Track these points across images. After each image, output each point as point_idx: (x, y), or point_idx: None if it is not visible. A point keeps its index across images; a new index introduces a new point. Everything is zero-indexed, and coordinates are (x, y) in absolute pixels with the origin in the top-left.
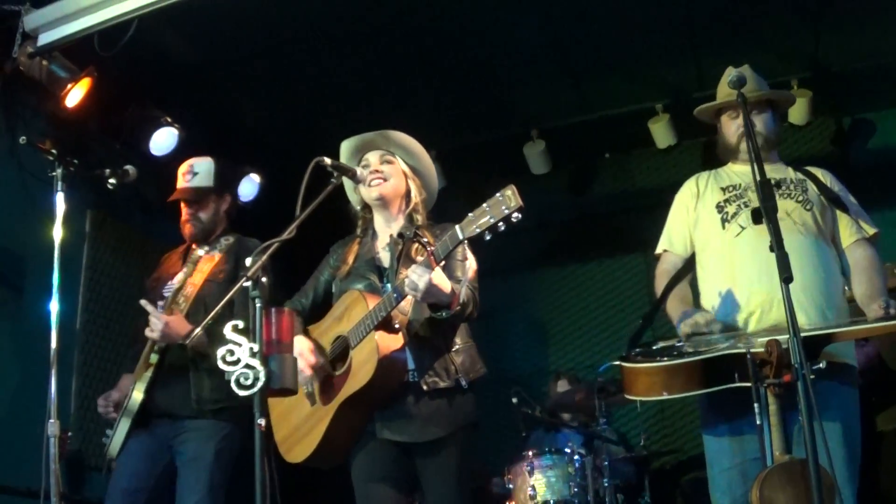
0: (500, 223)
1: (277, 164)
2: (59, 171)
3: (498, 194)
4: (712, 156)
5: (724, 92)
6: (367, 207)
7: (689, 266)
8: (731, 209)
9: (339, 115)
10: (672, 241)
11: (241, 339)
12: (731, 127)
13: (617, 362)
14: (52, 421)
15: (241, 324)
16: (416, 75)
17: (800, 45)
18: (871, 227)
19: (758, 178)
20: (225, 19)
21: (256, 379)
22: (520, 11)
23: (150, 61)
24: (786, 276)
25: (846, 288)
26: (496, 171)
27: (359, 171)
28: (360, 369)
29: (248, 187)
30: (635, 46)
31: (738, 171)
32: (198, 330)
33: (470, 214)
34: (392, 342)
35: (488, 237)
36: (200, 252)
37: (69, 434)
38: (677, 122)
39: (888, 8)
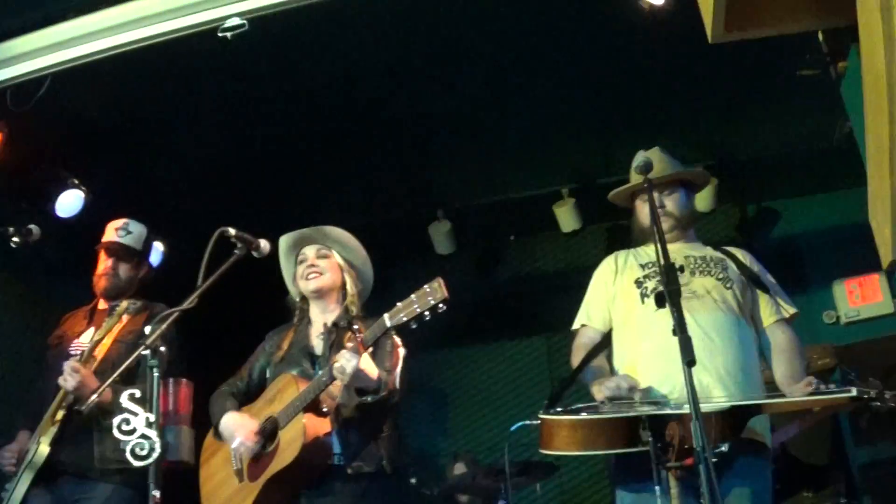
0: (426, 313)
1: (184, 232)
2: None
3: (426, 286)
4: (616, 241)
5: (637, 175)
6: (304, 298)
7: (606, 341)
8: (650, 284)
9: (248, 185)
10: (590, 315)
11: (138, 408)
12: (645, 209)
13: (540, 415)
14: None
15: (137, 392)
16: (324, 150)
17: (707, 134)
18: (790, 307)
19: (661, 260)
20: (138, 82)
21: (152, 449)
22: (429, 91)
23: (61, 120)
24: (688, 360)
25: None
26: (401, 251)
27: (262, 243)
28: (287, 448)
29: (153, 255)
30: (543, 130)
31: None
32: (95, 396)
33: (398, 304)
34: (319, 424)
35: (414, 326)
36: (109, 311)
37: None
38: (582, 206)
39: (793, 100)
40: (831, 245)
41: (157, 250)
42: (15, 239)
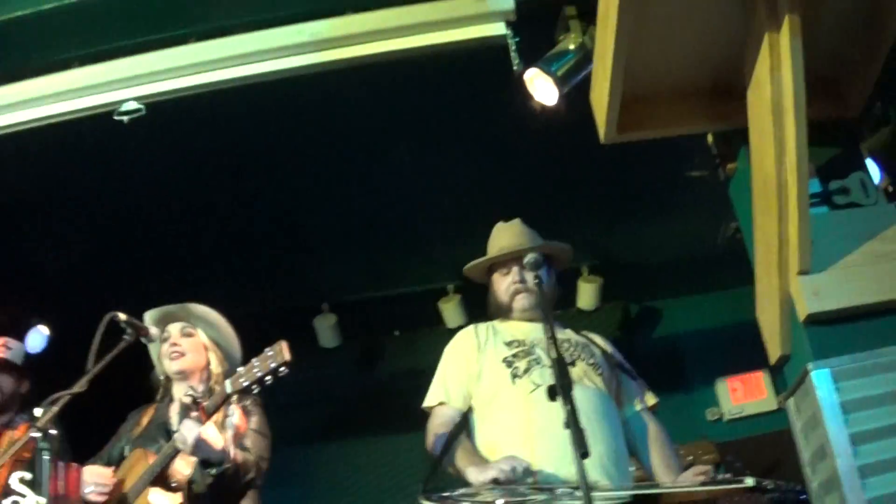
0: (268, 377)
1: (68, 316)
2: None
3: (268, 349)
4: None
5: (496, 247)
6: (169, 378)
7: (464, 421)
8: (521, 364)
9: (133, 270)
10: (449, 393)
11: (27, 490)
12: (503, 284)
13: (421, 500)
14: None
15: (27, 475)
16: (212, 236)
17: (592, 233)
18: (652, 396)
19: (553, 354)
20: (20, 160)
21: None
22: (315, 186)
23: None
24: (582, 452)
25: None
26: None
27: (152, 330)
28: None
29: (36, 339)
30: (429, 226)
31: (519, 328)
32: None
33: (240, 369)
34: (167, 499)
35: (256, 390)
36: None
37: None
38: (468, 302)
39: (679, 201)
40: (714, 344)
41: (42, 334)
42: None
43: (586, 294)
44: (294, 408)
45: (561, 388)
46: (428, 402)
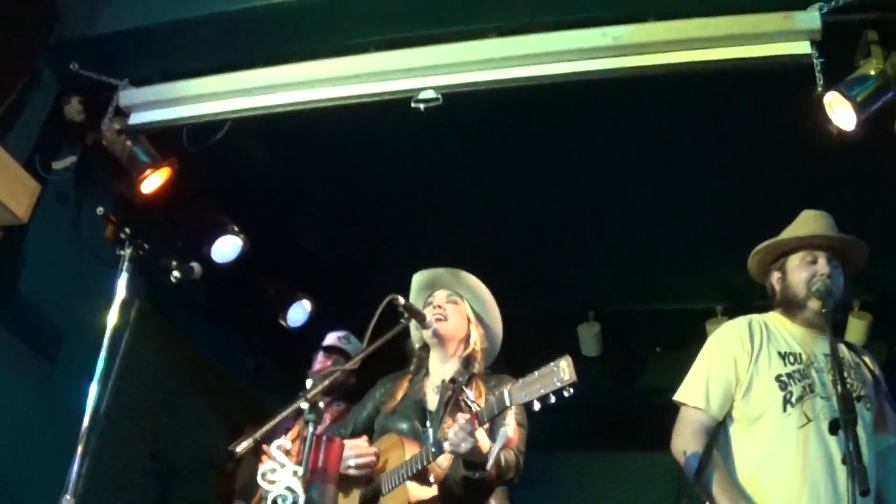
0: (552, 395)
1: (329, 292)
2: (127, 252)
3: (552, 364)
4: None
5: (805, 231)
6: (425, 347)
7: (717, 431)
8: (794, 390)
9: (401, 253)
10: (709, 399)
11: (286, 459)
12: (803, 273)
13: None
14: (67, 497)
15: (287, 444)
16: (480, 232)
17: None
18: None
19: (836, 379)
20: (305, 145)
21: (294, 502)
22: (593, 194)
23: (230, 167)
24: (863, 490)
25: None
26: (546, 344)
27: (428, 317)
28: None
29: (298, 313)
30: (703, 246)
31: (796, 336)
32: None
33: (520, 380)
34: (424, 495)
35: (538, 407)
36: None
37: None
38: None
39: None
40: None
41: (304, 307)
42: (176, 274)
43: (855, 330)
44: (549, 411)
45: (845, 423)
46: (684, 398)
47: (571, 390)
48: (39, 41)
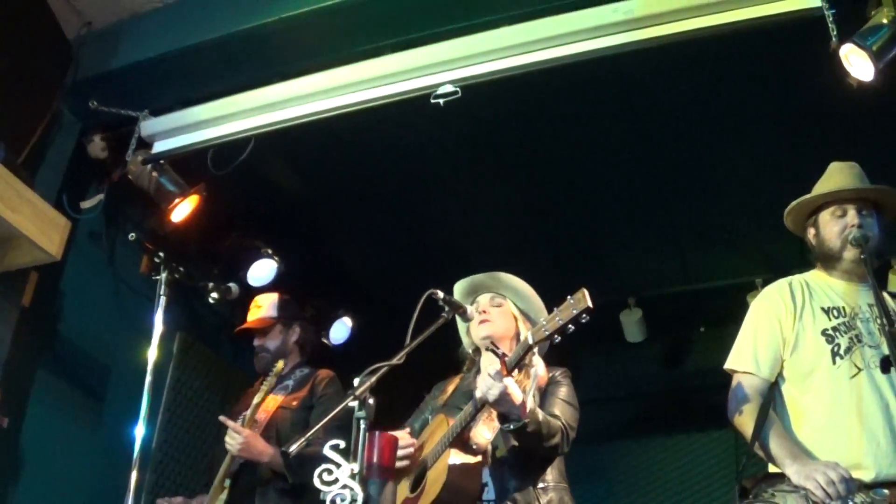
0: (570, 325)
1: (370, 307)
2: (163, 276)
3: (569, 297)
4: None
5: (834, 185)
6: (477, 350)
7: (771, 392)
8: (842, 342)
9: (438, 258)
10: (759, 362)
11: (341, 459)
12: (835, 227)
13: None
14: None
15: (342, 444)
16: (522, 232)
17: None
18: None
19: (883, 322)
20: (336, 158)
21: (353, 501)
22: (624, 176)
23: (258, 187)
24: None
25: None
26: (590, 335)
27: (469, 309)
28: (432, 486)
29: (341, 330)
30: (740, 219)
31: (838, 290)
32: (301, 441)
33: (541, 320)
34: (466, 460)
35: (557, 339)
36: (273, 381)
37: None
38: None
39: None
40: None
41: (346, 324)
42: (214, 295)
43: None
44: (600, 402)
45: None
46: (734, 365)
47: (587, 317)
48: (56, 82)
